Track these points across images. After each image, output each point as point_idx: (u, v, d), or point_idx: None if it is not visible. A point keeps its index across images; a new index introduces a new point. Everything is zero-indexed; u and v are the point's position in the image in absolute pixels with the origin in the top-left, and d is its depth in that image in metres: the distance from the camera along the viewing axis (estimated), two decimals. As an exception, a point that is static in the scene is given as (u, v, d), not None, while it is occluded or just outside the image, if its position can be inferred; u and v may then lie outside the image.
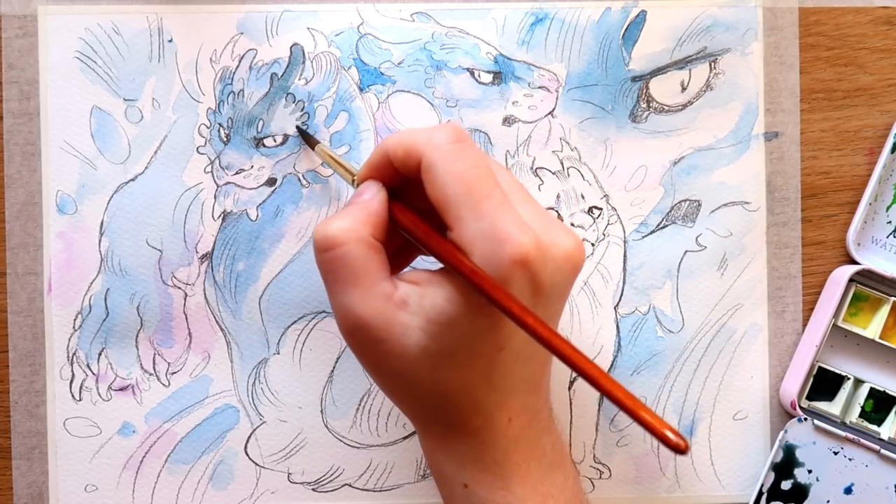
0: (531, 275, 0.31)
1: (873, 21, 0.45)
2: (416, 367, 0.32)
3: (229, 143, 0.44)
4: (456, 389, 0.33)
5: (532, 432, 0.34)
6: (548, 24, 0.44)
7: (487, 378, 0.33)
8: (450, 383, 0.33)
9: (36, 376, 0.44)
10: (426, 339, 0.32)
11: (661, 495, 0.45)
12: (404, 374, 0.33)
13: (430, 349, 0.32)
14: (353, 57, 0.44)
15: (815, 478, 0.43)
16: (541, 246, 0.31)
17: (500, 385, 0.33)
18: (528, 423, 0.34)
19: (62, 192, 0.44)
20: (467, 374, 0.33)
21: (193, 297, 0.44)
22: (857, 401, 0.44)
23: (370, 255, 0.33)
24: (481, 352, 0.32)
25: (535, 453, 0.34)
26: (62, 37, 0.44)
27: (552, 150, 0.45)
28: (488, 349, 0.32)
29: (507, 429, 0.34)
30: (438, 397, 0.33)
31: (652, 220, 0.45)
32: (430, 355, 0.32)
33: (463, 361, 0.32)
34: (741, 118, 0.45)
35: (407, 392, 0.34)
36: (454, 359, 0.32)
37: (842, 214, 0.45)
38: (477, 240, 0.31)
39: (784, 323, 0.45)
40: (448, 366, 0.32)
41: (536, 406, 0.35)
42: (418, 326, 0.32)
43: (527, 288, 0.31)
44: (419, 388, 0.33)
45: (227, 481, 0.44)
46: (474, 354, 0.32)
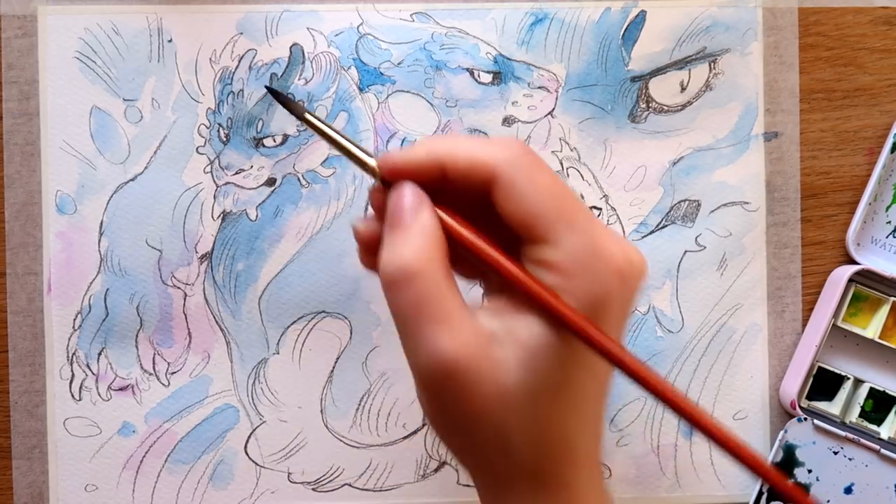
0: (626, 289, 0.29)
1: (873, 21, 0.45)
2: (513, 405, 0.28)
3: (229, 143, 0.44)
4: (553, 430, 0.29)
5: (600, 484, 0.31)
6: (547, 25, 0.44)
7: (578, 408, 0.29)
8: (547, 422, 0.29)
9: (36, 376, 0.44)
10: (523, 374, 0.28)
11: (661, 495, 0.44)
12: (498, 417, 0.29)
13: (529, 384, 0.28)
14: (352, 57, 0.44)
15: (815, 477, 0.43)
16: (630, 261, 0.29)
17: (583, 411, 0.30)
18: (599, 473, 0.31)
19: (62, 192, 0.44)
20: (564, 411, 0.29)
21: (193, 297, 0.44)
22: (857, 401, 0.43)
23: (450, 284, 0.29)
24: (576, 378, 0.29)
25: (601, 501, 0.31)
26: (62, 37, 0.43)
27: (552, 150, 0.44)
28: (586, 377, 0.29)
29: (590, 480, 0.30)
30: (533, 440, 0.29)
31: (651, 220, 0.45)
32: (527, 391, 0.28)
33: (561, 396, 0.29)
34: (741, 118, 0.45)
35: (496, 441, 0.29)
36: (553, 393, 0.29)
37: (841, 214, 0.45)
38: (579, 255, 0.28)
39: (784, 323, 0.45)
40: (546, 402, 0.29)
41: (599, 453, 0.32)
42: (515, 360, 0.28)
43: (624, 304, 0.29)
44: (512, 432, 0.29)
45: (226, 481, 0.44)
46: (570, 381, 0.29)
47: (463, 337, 0.28)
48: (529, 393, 0.28)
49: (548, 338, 0.28)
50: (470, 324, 0.28)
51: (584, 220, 0.29)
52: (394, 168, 0.30)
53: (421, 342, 0.28)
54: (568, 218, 0.29)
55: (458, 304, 0.28)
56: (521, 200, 0.29)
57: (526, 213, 0.29)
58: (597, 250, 0.28)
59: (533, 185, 0.29)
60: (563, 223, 0.29)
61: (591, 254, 0.28)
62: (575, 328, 0.28)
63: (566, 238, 0.28)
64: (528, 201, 0.29)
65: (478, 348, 0.28)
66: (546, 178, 0.29)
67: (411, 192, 0.30)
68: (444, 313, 0.28)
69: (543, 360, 0.28)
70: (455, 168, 0.30)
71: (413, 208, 0.30)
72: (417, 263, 0.28)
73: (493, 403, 0.28)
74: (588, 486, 0.30)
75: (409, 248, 0.29)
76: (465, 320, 0.28)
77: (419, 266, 0.28)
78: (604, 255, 0.28)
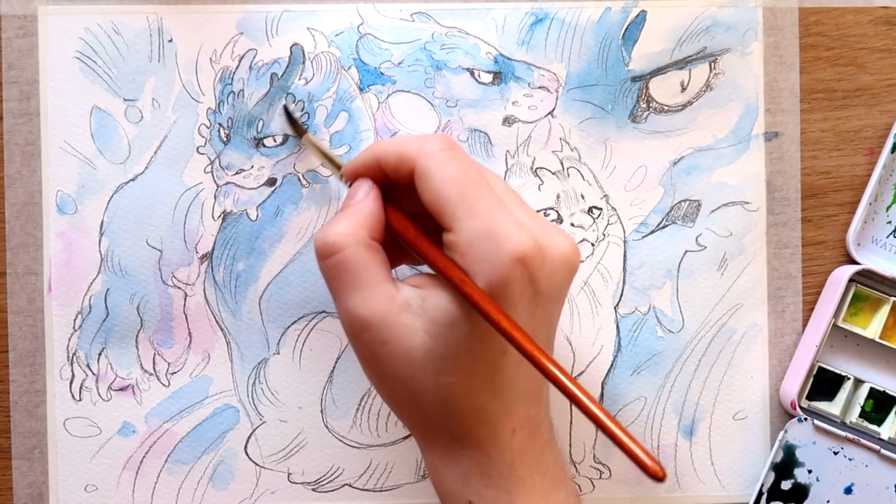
0: (530, 274, 0.31)
1: (873, 21, 0.45)
2: (420, 370, 0.32)
3: (229, 143, 0.44)
4: (459, 395, 0.33)
5: (535, 446, 0.34)
6: (548, 24, 0.44)
7: (491, 384, 0.33)
8: (453, 388, 0.32)
9: (36, 376, 0.43)
10: (430, 341, 0.32)
11: (661, 495, 0.44)
12: (408, 378, 0.33)
13: (434, 351, 0.32)
14: (353, 57, 0.44)
15: (816, 478, 0.43)
16: (539, 245, 0.31)
17: (504, 393, 0.33)
18: (531, 436, 0.34)
19: (62, 192, 0.43)
20: (470, 380, 0.32)
21: (193, 297, 0.44)
22: (857, 401, 0.43)
23: (370, 257, 0.33)
24: (483, 355, 0.32)
25: (538, 468, 0.34)
26: (62, 37, 0.43)
27: (552, 150, 0.44)
28: (491, 353, 0.32)
29: (511, 441, 0.33)
30: (442, 404, 0.33)
31: (652, 220, 0.44)
32: (433, 358, 0.32)
33: (466, 365, 0.32)
34: (741, 118, 0.44)
35: (411, 399, 0.34)
36: (457, 362, 0.32)
37: (842, 214, 0.45)
38: (475, 239, 0.31)
39: (784, 323, 0.44)
40: (451, 370, 0.32)
41: (538, 418, 0.34)
42: (422, 328, 0.32)
43: (527, 288, 0.31)
44: (423, 395, 0.33)
45: (227, 481, 0.44)
46: (477, 358, 0.32)
47: (375, 300, 0.32)
48: (432, 358, 0.32)
49: (452, 311, 0.31)
50: (385, 291, 0.32)
51: (487, 206, 0.31)
52: (348, 171, 0.36)
53: (339, 304, 0.33)
54: (467, 205, 0.31)
55: (375, 274, 0.32)
56: (431, 188, 0.32)
57: (433, 202, 0.32)
58: (494, 235, 0.31)
59: (443, 173, 0.32)
60: (464, 209, 0.31)
61: (487, 238, 0.31)
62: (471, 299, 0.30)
63: (466, 223, 0.31)
64: (436, 189, 0.32)
65: (388, 313, 0.32)
66: (456, 168, 0.32)
67: (360, 184, 0.35)
68: (360, 280, 0.32)
69: (447, 329, 0.31)
70: (388, 164, 0.34)
71: (350, 196, 0.35)
72: (341, 239, 0.33)
73: (401, 363, 0.32)
74: (506, 446, 0.33)
75: (336, 228, 0.33)
76: (381, 288, 0.32)
77: (342, 242, 0.33)
78: (501, 240, 0.31)
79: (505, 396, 0.33)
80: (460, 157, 0.33)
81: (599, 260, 0.44)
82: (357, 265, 0.33)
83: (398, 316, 0.32)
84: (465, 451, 0.33)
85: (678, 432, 0.44)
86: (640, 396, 0.44)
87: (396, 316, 0.32)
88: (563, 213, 0.44)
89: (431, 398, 0.33)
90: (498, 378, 0.33)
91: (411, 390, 0.33)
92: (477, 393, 0.33)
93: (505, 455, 0.33)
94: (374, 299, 0.32)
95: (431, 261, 0.33)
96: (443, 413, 0.33)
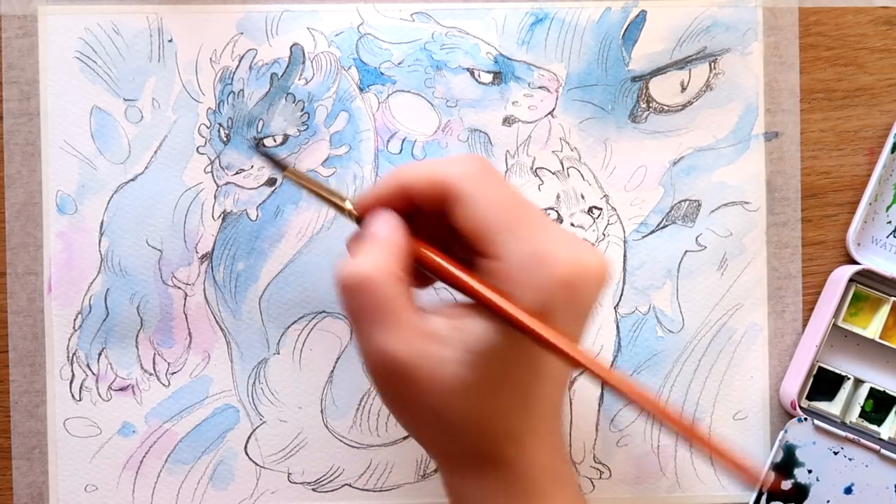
0: (573, 295, 0.30)
1: (873, 21, 0.44)
2: (453, 400, 0.31)
3: (229, 143, 0.43)
4: (491, 419, 0.31)
5: (557, 460, 0.33)
6: (548, 24, 0.43)
7: (524, 405, 0.32)
8: (486, 412, 0.31)
9: (36, 376, 0.43)
10: (464, 371, 0.30)
11: (661, 495, 0.44)
12: (439, 409, 0.31)
13: (469, 381, 0.30)
14: (353, 57, 0.43)
15: (816, 478, 0.43)
16: (581, 268, 0.30)
17: (534, 412, 0.32)
18: (553, 450, 0.33)
19: (62, 192, 0.43)
20: (505, 403, 0.31)
21: (193, 297, 0.43)
22: (857, 401, 0.43)
23: (400, 291, 0.31)
24: (519, 379, 0.31)
25: (559, 483, 0.33)
26: (62, 37, 0.43)
27: (552, 150, 0.44)
28: (527, 376, 0.31)
29: (537, 457, 0.32)
30: (474, 428, 0.32)
31: (652, 220, 0.44)
32: (467, 387, 0.31)
33: (501, 390, 0.31)
34: (741, 118, 0.44)
35: (440, 428, 0.32)
36: (493, 388, 0.31)
37: (842, 214, 0.44)
38: (520, 263, 0.30)
39: (784, 323, 0.44)
40: (485, 395, 0.31)
41: (559, 431, 0.34)
42: (454, 359, 0.30)
43: (569, 309, 0.30)
44: (453, 424, 0.31)
45: (227, 481, 0.43)
46: (513, 382, 0.31)
47: (406, 336, 0.30)
48: (466, 387, 0.30)
49: (489, 338, 0.30)
50: (415, 325, 0.31)
51: (529, 229, 0.30)
52: (365, 204, 0.33)
53: (368, 340, 0.31)
54: (512, 228, 0.30)
55: (404, 308, 0.31)
56: (470, 214, 0.31)
57: (475, 226, 0.31)
58: (539, 259, 0.30)
59: (481, 198, 0.31)
60: (506, 234, 0.30)
61: (534, 263, 0.30)
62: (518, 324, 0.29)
63: (510, 248, 0.30)
64: (476, 214, 0.31)
65: (419, 347, 0.30)
66: (495, 192, 0.31)
67: (383, 215, 0.33)
68: (389, 316, 0.30)
69: (484, 357, 0.30)
70: (419, 190, 0.32)
71: (379, 228, 0.32)
72: (372, 274, 0.30)
73: (432, 396, 0.31)
74: (533, 463, 0.32)
75: (365, 260, 0.31)
76: (411, 322, 0.30)
77: (373, 276, 0.30)
78: (547, 264, 0.30)
79: (535, 415, 0.32)
80: (496, 177, 0.32)
81: (599, 260, 0.44)
82: (388, 299, 0.30)
83: (430, 350, 0.30)
84: (491, 472, 0.32)
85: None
86: None
87: (429, 349, 0.30)
88: (563, 213, 0.44)
89: (462, 424, 0.31)
90: (531, 399, 0.32)
91: (442, 420, 0.31)
92: (509, 415, 0.31)
93: (531, 471, 0.32)
94: (407, 335, 0.30)
95: (470, 289, 0.31)
96: (473, 437, 0.32)
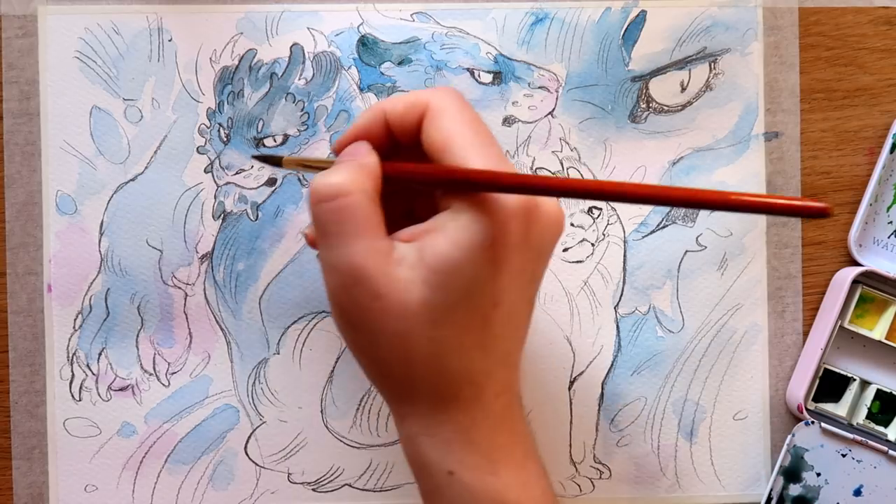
0: (527, 226, 0.31)
1: (873, 21, 0.43)
2: (415, 324, 0.30)
3: (229, 143, 0.42)
4: (451, 350, 0.31)
5: (513, 413, 0.33)
6: (548, 24, 0.42)
7: (481, 340, 0.31)
8: (445, 343, 0.31)
9: (36, 376, 0.42)
10: (427, 292, 0.30)
11: (661, 495, 0.43)
12: (401, 334, 0.31)
13: (431, 302, 0.30)
14: (353, 57, 0.42)
15: (825, 480, 0.42)
16: (536, 202, 0.31)
17: (491, 350, 0.32)
18: (510, 404, 0.33)
19: (62, 192, 0.42)
20: (463, 333, 0.31)
21: (193, 297, 0.42)
22: (864, 402, 0.42)
23: (374, 209, 0.31)
24: (479, 305, 0.31)
25: (516, 437, 0.33)
26: (62, 37, 0.42)
27: (552, 150, 0.43)
28: (486, 303, 0.31)
29: (494, 404, 0.32)
30: (433, 360, 0.31)
31: (652, 220, 0.43)
32: (429, 309, 0.30)
33: (461, 318, 0.31)
34: (741, 118, 0.43)
35: (400, 358, 0.31)
36: (453, 313, 0.30)
37: (842, 214, 0.43)
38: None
39: (784, 323, 0.43)
40: (446, 321, 0.31)
41: (516, 387, 0.33)
42: (420, 279, 0.30)
43: (522, 238, 0.31)
44: (414, 352, 0.31)
45: (227, 481, 0.42)
46: (472, 309, 0.31)
47: (374, 252, 0.30)
48: (428, 309, 0.30)
49: (452, 254, 0.30)
50: (385, 245, 0.30)
51: (494, 156, 0.31)
52: (343, 140, 0.34)
53: (332, 251, 0.31)
54: (476, 146, 0.31)
55: (376, 226, 0.31)
56: (443, 125, 0.31)
57: (444, 138, 0.31)
58: None
59: (455, 113, 0.32)
60: (471, 149, 0.31)
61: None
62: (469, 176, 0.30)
63: (477, 160, 0.31)
64: (446, 125, 0.31)
65: (386, 265, 0.30)
66: (467, 112, 0.32)
67: (358, 145, 0.33)
68: (361, 229, 0.30)
69: (446, 276, 0.30)
70: (395, 113, 0.33)
71: (354, 152, 0.33)
72: (347, 184, 0.31)
73: (395, 318, 0.30)
74: (491, 409, 0.32)
75: (341, 175, 0.31)
76: (381, 241, 0.30)
77: (349, 187, 0.31)
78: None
79: (491, 355, 0.32)
80: (468, 104, 0.33)
81: (599, 260, 0.43)
82: (361, 213, 0.30)
83: (395, 270, 0.30)
84: (448, 415, 0.32)
85: (678, 432, 0.43)
86: (641, 396, 0.43)
87: (394, 270, 0.30)
88: (563, 213, 0.42)
89: (422, 355, 0.31)
90: (488, 333, 0.31)
91: (402, 347, 0.31)
92: (467, 349, 0.31)
93: (489, 419, 0.32)
94: (374, 250, 0.30)
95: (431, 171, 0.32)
96: (431, 371, 0.31)
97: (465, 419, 0.32)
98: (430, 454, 0.32)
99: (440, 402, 0.32)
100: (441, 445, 0.32)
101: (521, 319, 0.33)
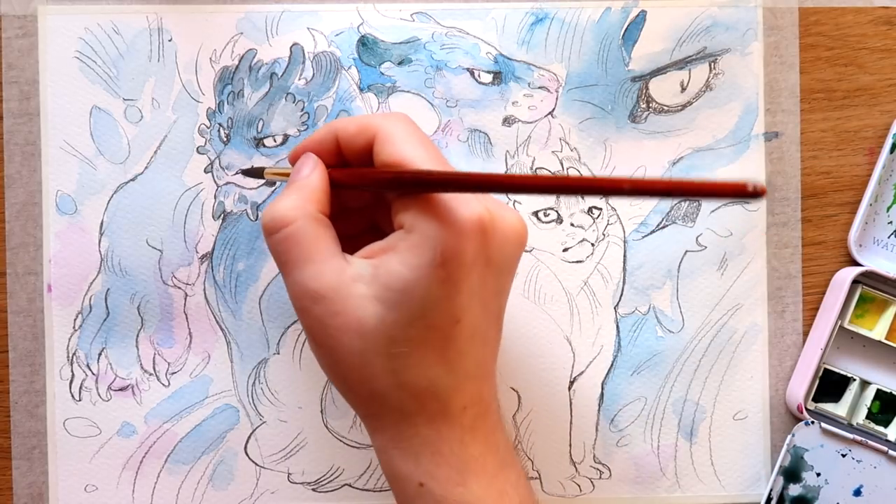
0: (484, 241, 0.31)
1: (873, 21, 0.43)
2: (373, 342, 0.31)
3: (229, 143, 0.41)
4: (411, 366, 0.31)
5: (487, 424, 0.33)
6: (548, 24, 0.42)
7: (443, 356, 0.31)
8: (405, 360, 0.31)
9: (36, 376, 0.41)
10: (382, 310, 0.30)
11: (661, 495, 0.42)
12: (360, 352, 0.31)
13: (387, 320, 0.30)
14: (353, 57, 0.42)
15: (825, 480, 0.41)
16: (493, 216, 0.31)
17: (456, 366, 0.31)
18: (482, 415, 0.32)
19: (62, 192, 0.41)
20: (423, 350, 0.31)
21: (193, 297, 0.42)
22: (864, 402, 0.42)
23: (320, 231, 0.32)
24: (436, 323, 0.31)
25: (489, 447, 0.32)
26: (62, 37, 0.41)
27: (552, 150, 0.42)
28: (444, 320, 0.31)
29: (463, 417, 0.32)
30: (394, 377, 0.31)
31: (652, 220, 0.43)
32: (386, 327, 0.30)
33: (419, 334, 0.31)
34: (741, 118, 0.43)
35: (362, 375, 0.32)
36: (410, 330, 0.30)
37: (842, 214, 0.43)
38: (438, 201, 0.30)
39: (784, 323, 0.42)
40: (404, 338, 0.31)
41: (489, 398, 0.33)
42: (374, 296, 0.30)
43: (480, 254, 0.30)
44: (375, 368, 0.31)
45: (227, 481, 0.42)
46: (430, 326, 0.30)
47: (327, 273, 0.31)
48: (385, 327, 0.30)
49: (405, 274, 0.30)
50: (337, 264, 0.31)
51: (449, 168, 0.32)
52: (295, 153, 0.35)
53: (289, 278, 0.32)
54: (433, 158, 0.31)
55: (325, 248, 0.31)
56: (396, 149, 0.31)
57: (400, 156, 0.31)
58: (453, 199, 0.30)
59: (407, 136, 0.32)
60: (428, 161, 0.31)
61: (450, 199, 0.30)
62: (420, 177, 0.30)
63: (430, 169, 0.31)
64: (399, 148, 0.31)
65: (340, 284, 0.31)
66: (421, 136, 0.32)
67: (305, 160, 0.34)
68: (310, 254, 0.31)
69: (400, 294, 0.30)
70: (346, 133, 0.33)
71: (296, 171, 0.33)
72: (289, 213, 0.31)
73: (353, 335, 0.31)
74: (458, 422, 0.32)
75: (286, 201, 0.32)
76: (332, 261, 0.31)
77: (290, 216, 0.31)
78: (459, 204, 0.30)
79: (457, 370, 0.31)
80: (419, 129, 0.33)
81: (599, 260, 0.42)
82: (307, 239, 0.31)
83: (350, 287, 0.31)
84: (416, 430, 0.32)
85: (678, 432, 0.43)
86: (640, 397, 0.42)
87: (348, 287, 0.31)
88: (562, 213, 0.42)
89: (383, 371, 0.31)
90: (451, 349, 0.31)
91: (363, 365, 0.31)
92: (429, 364, 0.31)
93: (456, 432, 0.32)
94: (327, 272, 0.31)
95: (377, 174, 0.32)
96: (394, 387, 0.31)
97: (432, 433, 0.31)
98: (400, 466, 0.32)
99: (406, 416, 0.32)
100: (410, 458, 0.32)
101: (488, 333, 0.32)
